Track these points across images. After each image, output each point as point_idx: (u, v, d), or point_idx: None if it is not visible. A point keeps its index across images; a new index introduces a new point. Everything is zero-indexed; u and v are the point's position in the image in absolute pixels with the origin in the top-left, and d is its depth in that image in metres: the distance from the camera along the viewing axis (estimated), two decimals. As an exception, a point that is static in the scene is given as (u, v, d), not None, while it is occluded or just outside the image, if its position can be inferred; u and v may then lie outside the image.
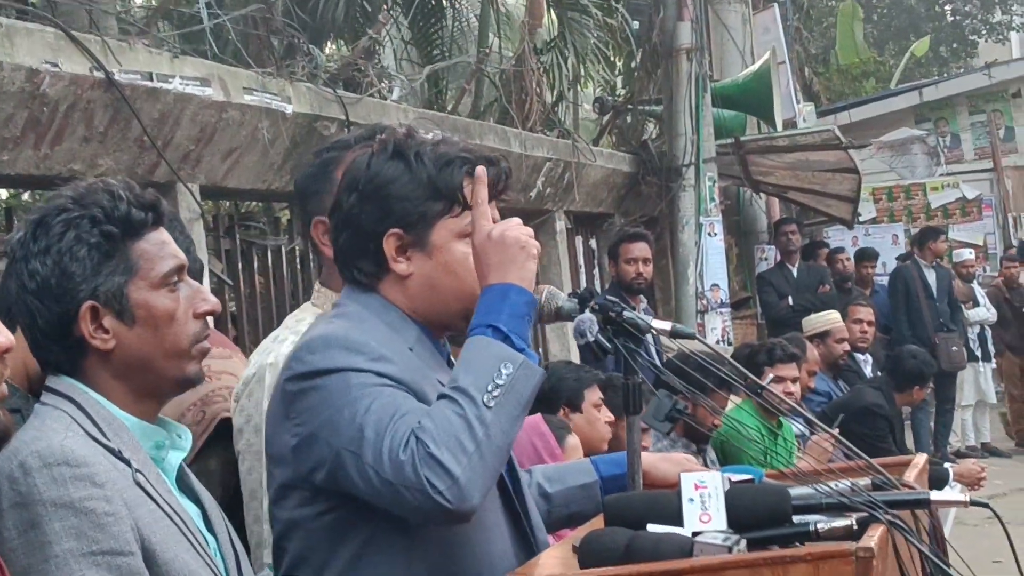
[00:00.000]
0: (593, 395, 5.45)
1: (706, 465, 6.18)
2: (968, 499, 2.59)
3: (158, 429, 2.50)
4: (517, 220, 2.73)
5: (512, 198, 10.11)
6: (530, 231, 2.71)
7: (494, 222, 2.72)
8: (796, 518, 2.53)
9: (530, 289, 2.65)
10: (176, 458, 2.53)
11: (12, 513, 2.24)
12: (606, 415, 5.46)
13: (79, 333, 2.40)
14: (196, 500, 2.57)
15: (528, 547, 2.82)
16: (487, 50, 11.68)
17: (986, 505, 2.60)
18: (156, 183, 6.14)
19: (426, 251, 2.74)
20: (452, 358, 2.85)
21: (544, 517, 3.02)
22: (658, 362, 6.45)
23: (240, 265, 7.30)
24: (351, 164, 2.82)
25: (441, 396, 2.54)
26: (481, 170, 2.73)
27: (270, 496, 2.75)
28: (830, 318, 9.56)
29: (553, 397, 5.30)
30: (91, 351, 2.41)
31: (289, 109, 6.87)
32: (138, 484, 2.33)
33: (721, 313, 12.61)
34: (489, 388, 2.50)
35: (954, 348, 13.63)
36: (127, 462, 2.35)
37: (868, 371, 10.20)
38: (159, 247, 2.47)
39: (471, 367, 2.55)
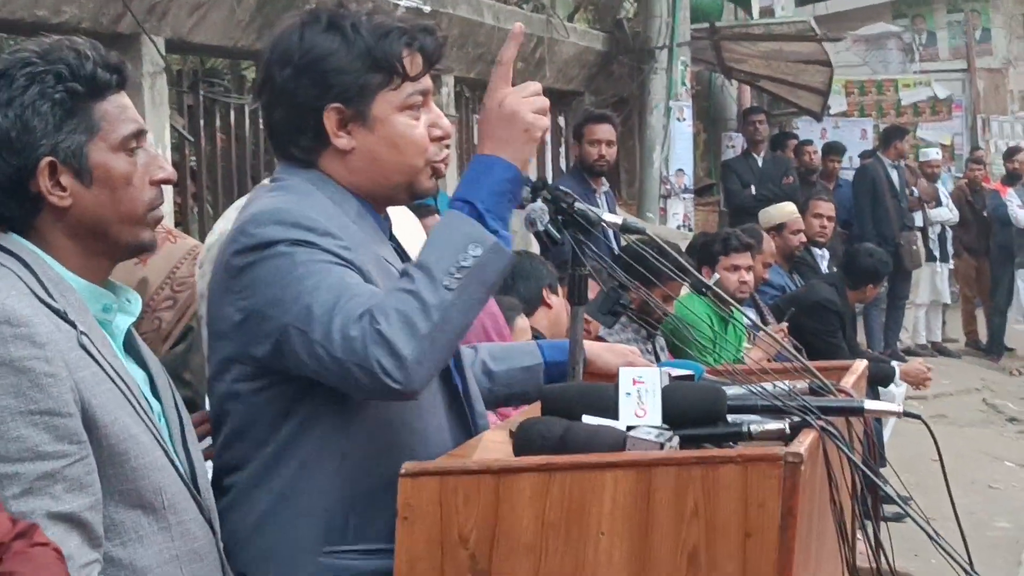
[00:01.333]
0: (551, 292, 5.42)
1: (655, 352, 6.25)
2: (901, 410, 2.62)
3: (106, 292, 2.49)
4: (535, 89, 2.65)
5: (483, 70, 10.06)
6: (545, 106, 2.63)
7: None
8: (731, 418, 2.56)
9: (522, 168, 2.59)
10: (124, 322, 2.52)
11: None
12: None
13: (36, 189, 2.38)
14: (143, 365, 2.57)
15: (466, 426, 2.83)
16: (466, -83, 11.51)
17: (918, 417, 2.62)
18: (121, 34, 6.07)
19: (367, 125, 2.69)
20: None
21: (485, 395, 3.03)
22: (615, 250, 6.49)
23: (202, 122, 7.24)
24: (279, 35, 2.74)
25: (403, 273, 2.51)
26: (518, 27, 2.68)
27: (210, 369, 2.73)
28: (786, 210, 9.56)
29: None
30: (46, 209, 2.40)
31: (260, -34, 6.79)
32: (82, 346, 2.33)
33: (684, 199, 12.63)
34: (452, 270, 2.45)
35: (914, 247, 13.71)
36: (72, 324, 2.34)
37: (824, 266, 10.24)
38: (121, 110, 2.45)
39: (438, 244, 2.51)
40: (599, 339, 5.70)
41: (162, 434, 2.48)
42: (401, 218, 3.09)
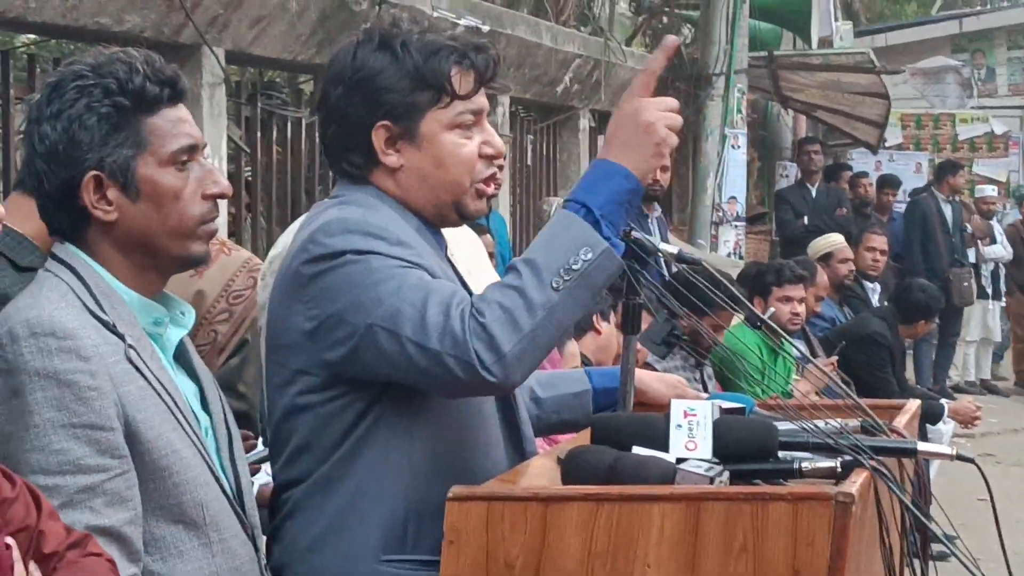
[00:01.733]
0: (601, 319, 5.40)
1: (703, 381, 6.22)
2: (955, 453, 2.59)
3: (157, 305, 2.49)
4: (673, 104, 2.62)
5: (538, 91, 10.07)
6: (679, 124, 2.59)
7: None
8: (782, 454, 2.54)
9: (643, 181, 2.55)
10: (176, 335, 2.52)
11: None
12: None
13: (82, 202, 2.39)
14: (195, 378, 2.57)
15: (519, 447, 2.82)
16: (528, -62, 11.54)
17: (971, 460, 2.59)
18: (182, 45, 6.10)
19: (415, 143, 2.69)
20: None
21: (533, 421, 3.02)
22: (666, 276, 6.46)
23: (259, 133, 7.27)
24: (336, 55, 2.76)
25: (511, 267, 2.49)
26: (671, 39, 2.67)
27: (271, 382, 2.71)
28: (833, 240, 9.52)
29: None
30: (94, 221, 2.40)
31: (322, -19, 6.81)
32: (129, 359, 2.33)
33: (736, 226, 12.59)
34: (561, 271, 2.44)
35: (965, 284, 13.61)
36: (121, 336, 2.34)
37: (875, 299, 10.18)
38: (173, 124, 2.44)
39: (550, 244, 2.49)
40: (647, 365, 5.69)
41: (208, 449, 2.47)
42: (458, 236, 3.09)
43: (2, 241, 2.63)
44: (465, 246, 3.43)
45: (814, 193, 13.42)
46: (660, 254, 2.85)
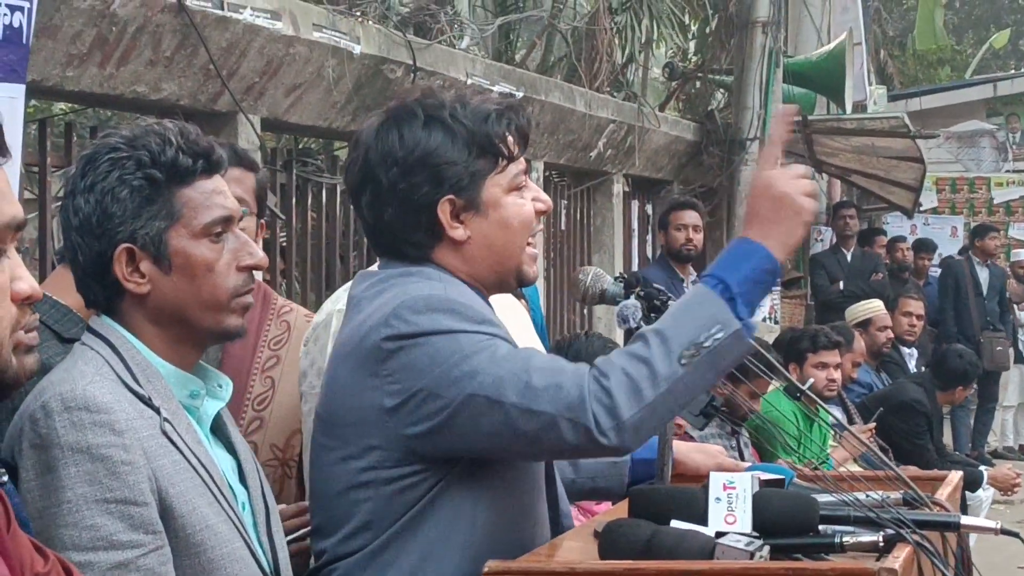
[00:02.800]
0: None
1: (739, 449, 6.16)
2: (999, 527, 2.55)
3: (193, 378, 2.47)
4: (804, 171, 2.63)
5: (572, 157, 10.09)
6: (814, 190, 2.60)
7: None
8: (823, 528, 2.51)
9: (781, 256, 2.55)
10: (213, 407, 2.50)
11: (32, 454, 2.23)
12: None
13: (115, 275, 2.38)
14: (232, 451, 2.54)
15: (556, 518, 2.79)
16: (562, 5, 11.59)
17: (1016, 535, 2.55)
18: (218, 112, 6.13)
19: (480, 212, 2.67)
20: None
21: (567, 484, 2.99)
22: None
23: (294, 200, 7.29)
24: (374, 135, 2.70)
25: (639, 335, 2.48)
26: (789, 109, 2.71)
27: (326, 456, 2.64)
28: (872, 306, 9.48)
29: None
30: (128, 294, 2.40)
31: (357, 49, 6.84)
32: (164, 433, 2.32)
33: (771, 291, 12.53)
34: (690, 346, 2.42)
35: (998, 348, 13.53)
36: (156, 410, 2.33)
37: (912, 365, 10.12)
38: (207, 196, 2.43)
39: (683, 317, 2.48)
40: (685, 436, 5.65)
41: (245, 523, 2.44)
42: (502, 301, 3.07)
43: (47, 313, 2.64)
44: (508, 312, 3.43)
45: (849, 258, 13.38)
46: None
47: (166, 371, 2.41)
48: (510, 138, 2.69)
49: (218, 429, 2.52)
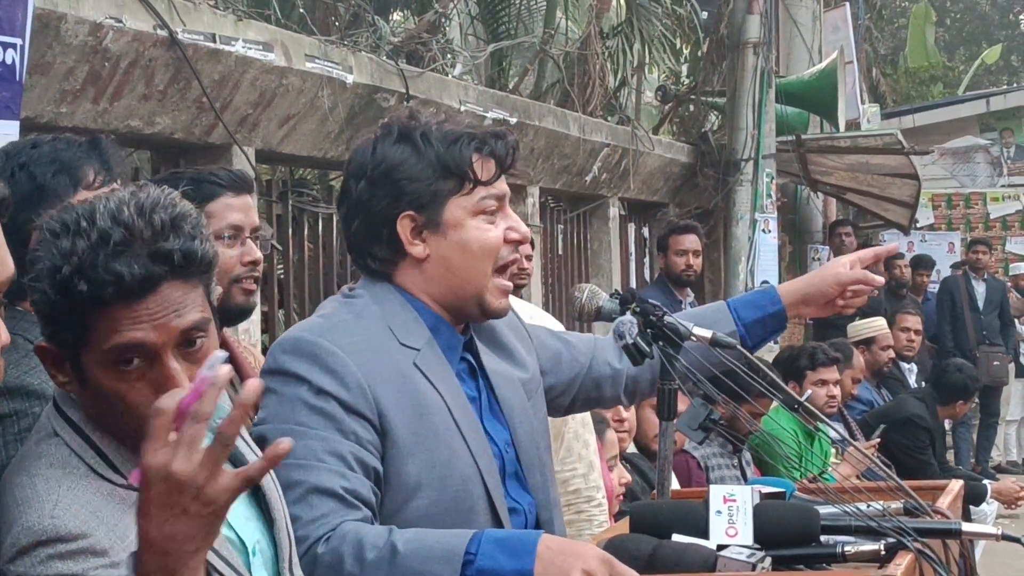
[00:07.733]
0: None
1: (741, 467, 6.16)
2: (1000, 533, 2.56)
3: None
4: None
5: (567, 181, 10.11)
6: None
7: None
8: (824, 538, 2.51)
9: None
10: None
11: None
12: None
13: None
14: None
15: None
16: (553, 31, 11.64)
17: (1017, 540, 2.56)
18: (213, 145, 6.15)
19: (440, 231, 2.71)
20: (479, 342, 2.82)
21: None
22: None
23: (291, 231, 7.31)
24: (355, 150, 2.79)
25: (377, 544, 2.42)
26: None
27: None
28: (876, 324, 9.48)
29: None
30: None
31: (350, 79, 6.87)
32: None
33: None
34: None
35: (996, 362, 13.54)
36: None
37: (912, 380, 10.12)
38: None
39: (424, 554, 2.40)
40: (684, 452, 5.67)
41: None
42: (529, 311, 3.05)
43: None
44: (539, 319, 3.45)
45: (846, 276, 13.38)
46: (695, 338, 2.83)
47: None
48: (479, 163, 2.72)
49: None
